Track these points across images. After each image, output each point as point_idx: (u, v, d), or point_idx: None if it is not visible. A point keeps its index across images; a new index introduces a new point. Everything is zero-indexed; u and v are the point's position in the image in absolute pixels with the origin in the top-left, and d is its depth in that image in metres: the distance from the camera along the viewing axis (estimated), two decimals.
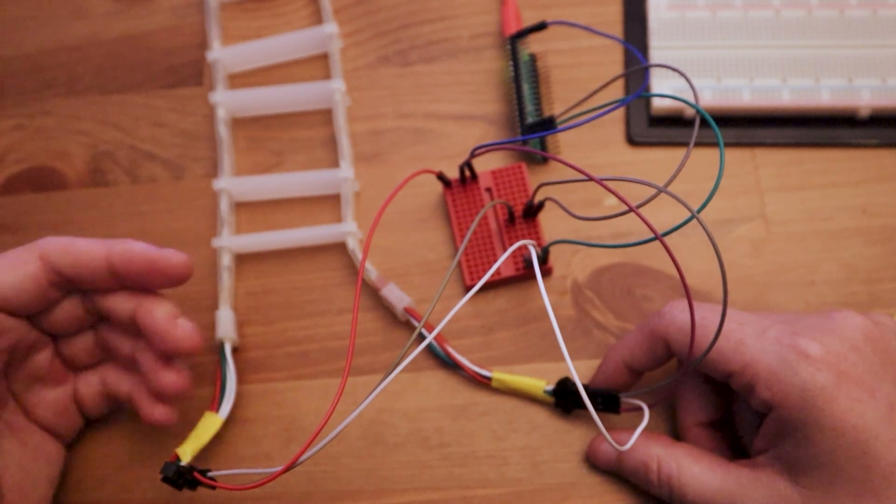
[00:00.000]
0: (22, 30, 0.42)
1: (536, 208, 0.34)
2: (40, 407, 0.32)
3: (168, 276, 0.30)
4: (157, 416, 0.32)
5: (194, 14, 0.41)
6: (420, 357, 0.34)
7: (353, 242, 0.35)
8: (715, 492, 0.28)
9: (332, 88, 0.38)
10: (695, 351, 0.27)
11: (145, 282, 0.30)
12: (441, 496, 0.32)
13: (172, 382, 0.31)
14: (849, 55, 0.36)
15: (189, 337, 0.30)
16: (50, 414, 0.32)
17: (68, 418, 0.33)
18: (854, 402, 0.25)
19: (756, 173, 0.36)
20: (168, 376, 0.31)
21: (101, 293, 0.31)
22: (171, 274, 0.30)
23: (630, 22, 0.38)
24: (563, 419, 0.33)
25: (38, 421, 0.32)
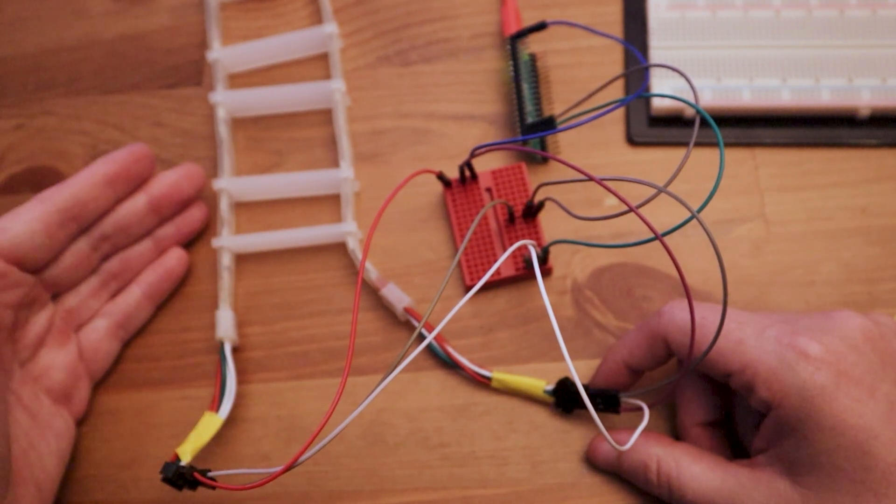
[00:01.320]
0: (22, 30, 0.42)
1: (536, 208, 0.34)
2: (50, 372, 0.32)
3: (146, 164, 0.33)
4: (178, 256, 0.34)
5: (194, 14, 0.41)
6: (420, 357, 0.34)
7: (353, 242, 0.35)
8: (714, 492, 0.28)
9: (332, 88, 0.38)
10: (695, 351, 0.27)
11: (145, 175, 0.33)
12: (441, 496, 0.32)
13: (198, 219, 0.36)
14: (849, 55, 0.36)
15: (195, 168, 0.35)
16: (60, 378, 0.32)
17: (77, 380, 0.33)
18: (853, 402, 0.25)
19: (756, 173, 0.36)
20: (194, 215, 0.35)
21: (107, 218, 0.33)
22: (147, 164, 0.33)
23: (630, 22, 0.38)
24: (563, 419, 0.33)
25: (48, 390, 0.32)
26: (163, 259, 0.35)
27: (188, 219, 0.36)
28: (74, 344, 0.33)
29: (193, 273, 0.37)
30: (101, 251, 0.33)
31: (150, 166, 0.34)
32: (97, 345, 0.33)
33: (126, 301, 0.34)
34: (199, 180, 0.35)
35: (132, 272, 0.35)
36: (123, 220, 0.33)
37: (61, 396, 0.32)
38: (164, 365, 0.35)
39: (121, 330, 0.34)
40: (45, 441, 0.31)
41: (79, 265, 0.32)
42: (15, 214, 0.30)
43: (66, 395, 0.32)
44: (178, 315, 0.36)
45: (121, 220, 0.33)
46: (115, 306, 0.34)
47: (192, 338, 0.36)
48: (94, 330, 0.33)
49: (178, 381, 0.35)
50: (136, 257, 0.35)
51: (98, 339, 0.33)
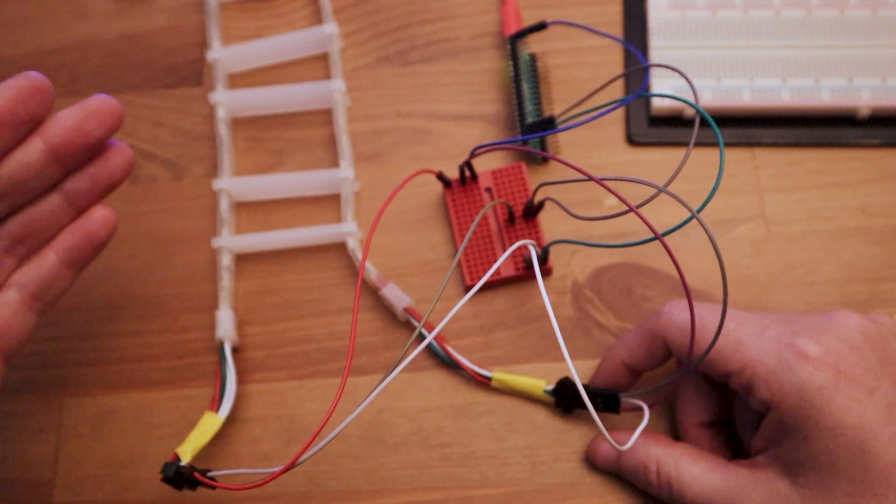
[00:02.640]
0: (22, 30, 0.42)
1: (536, 208, 0.34)
2: None
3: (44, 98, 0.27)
4: (100, 216, 0.29)
5: (194, 14, 0.41)
6: (420, 357, 0.34)
7: (353, 242, 0.35)
8: (714, 492, 0.28)
9: (332, 88, 0.38)
10: (694, 351, 0.27)
11: (39, 115, 0.27)
12: (441, 496, 0.32)
13: (118, 167, 0.29)
14: (849, 55, 0.36)
15: (111, 111, 0.28)
16: None
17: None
18: (853, 402, 0.25)
19: (756, 173, 0.36)
20: (112, 162, 0.28)
21: None
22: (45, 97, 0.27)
23: (630, 22, 0.38)
24: (563, 419, 0.33)
25: None
26: (83, 219, 0.29)
27: (105, 169, 0.29)
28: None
29: (193, 273, 0.37)
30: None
31: (46, 103, 0.27)
32: (8, 320, 0.28)
33: (40, 268, 0.29)
34: (110, 117, 0.28)
35: (41, 235, 0.29)
36: (16, 172, 0.27)
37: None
38: (164, 365, 0.35)
39: (36, 301, 0.29)
40: None
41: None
42: None
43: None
44: (178, 315, 0.36)
45: (13, 174, 0.27)
46: (27, 274, 0.29)
47: (192, 338, 0.36)
48: (4, 304, 0.29)
49: (178, 381, 0.35)
50: (43, 217, 0.29)
51: (9, 315, 0.28)
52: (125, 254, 0.37)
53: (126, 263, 0.37)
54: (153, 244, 0.37)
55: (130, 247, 0.37)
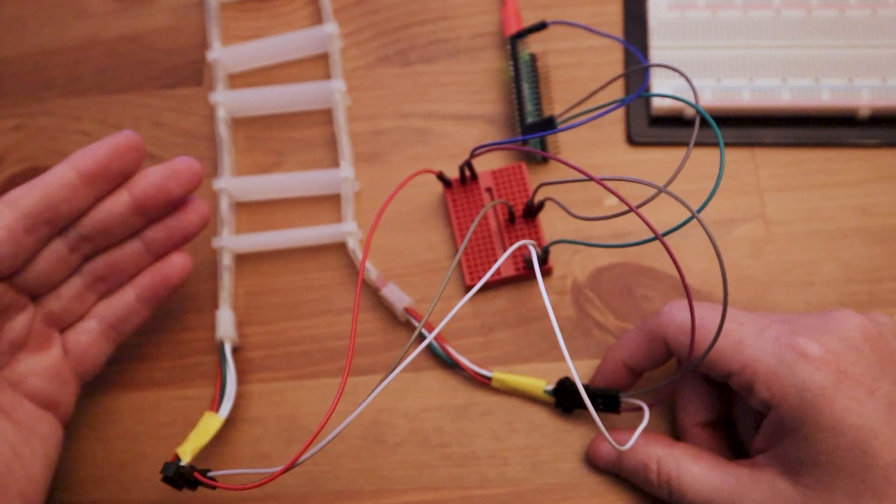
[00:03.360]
0: (22, 30, 0.42)
1: (536, 208, 0.34)
2: (31, 378, 0.30)
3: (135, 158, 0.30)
4: (179, 262, 0.32)
5: (194, 14, 0.41)
6: (420, 357, 0.34)
7: (353, 242, 0.35)
8: (714, 492, 0.28)
9: (332, 88, 0.38)
10: (694, 351, 0.27)
11: (130, 171, 0.30)
12: (441, 496, 0.32)
13: (193, 223, 0.32)
14: (849, 55, 0.36)
15: (192, 172, 0.31)
16: (42, 383, 0.30)
17: (62, 384, 0.31)
18: (853, 402, 0.25)
19: (756, 173, 0.36)
20: (188, 219, 0.32)
21: (85, 219, 0.30)
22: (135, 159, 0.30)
23: (630, 22, 0.38)
24: (563, 419, 0.33)
25: (30, 395, 0.30)
26: (162, 263, 0.33)
27: (182, 222, 0.32)
28: (58, 347, 0.31)
29: (193, 273, 0.36)
30: (80, 252, 0.31)
31: (137, 160, 0.30)
32: (86, 347, 0.32)
33: (119, 302, 0.32)
34: (190, 178, 0.31)
35: (121, 275, 0.32)
36: (103, 221, 0.30)
37: (45, 401, 0.30)
38: (164, 365, 0.35)
39: (113, 331, 0.32)
40: (31, 448, 0.29)
41: (55, 267, 0.30)
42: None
43: (49, 400, 0.31)
44: (178, 315, 0.36)
45: (100, 222, 0.30)
46: (107, 307, 0.32)
47: (192, 338, 0.36)
48: (85, 331, 0.32)
49: (178, 381, 0.35)
50: (124, 260, 0.32)
51: (88, 342, 0.31)
52: None
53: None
54: None
55: None
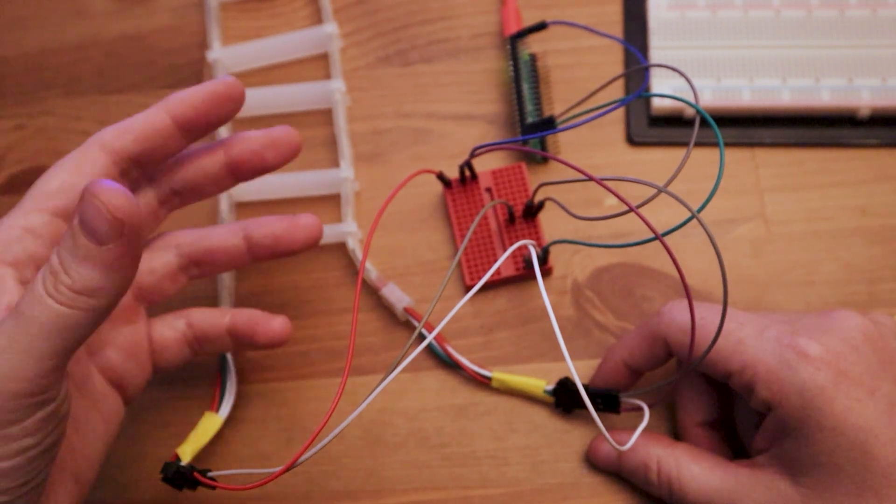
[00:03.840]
0: (22, 30, 0.42)
1: (536, 208, 0.34)
2: (108, 349, 0.29)
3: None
4: (278, 328, 0.31)
5: (194, 14, 0.41)
6: (420, 357, 0.34)
7: (353, 242, 0.35)
8: (715, 492, 0.28)
9: (332, 88, 0.38)
10: (695, 351, 0.27)
11: (227, 117, 0.29)
12: (441, 496, 0.32)
13: (303, 234, 0.30)
14: (849, 55, 0.36)
15: (287, 134, 0.29)
16: (118, 357, 0.29)
17: (137, 364, 0.30)
18: (853, 402, 0.25)
19: (756, 173, 0.36)
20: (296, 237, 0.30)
21: (178, 172, 0.29)
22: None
23: (630, 22, 0.38)
24: (563, 419, 0.33)
25: (104, 368, 0.29)
26: (265, 318, 0.31)
27: (291, 236, 0.31)
28: (143, 325, 0.30)
29: None
30: (169, 205, 0.30)
31: (234, 109, 0.29)
32: (169, 343, 0.31)
33: (213, 320, 0.31)
34: (288, 148, 0.30)
35: (216, 265, 0.31)
36: (196, 178, 0.30)
37: (115, 378, 0.29)
38: None
39: (196, 343, 0.31)
40: (92, 425, 0.28)
41: (146, 218, 0.29)
42: (76, 167, 0.26)
43: (121, 377, 0.29)
44: None
45: (193, 178, 0.30)
46: (201, 317, 0.31)
47: None
48: (172, 327, 0.31)
49: (179, 381, 0.35)
50: (223, 251, 0.31)
51: (172, 338, 0.30)
52: None
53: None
54: None
55: None
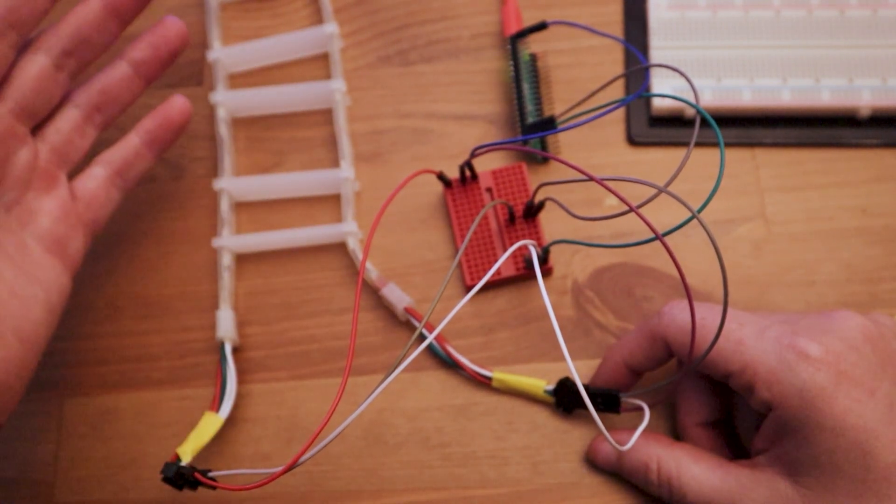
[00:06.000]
0: None
1: (537, 208, 0.34)
2: (39, 217, 0.30)
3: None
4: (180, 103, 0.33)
5: (194, 14, 0.41)
6: (420, 357, 0.34)
7: (354, 242, 0.35)
8: (714, 492, 0.28)
9: (333, 88, 0.38)
10: (695, 351, 0.27)
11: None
12: (441, 496, 0.32)
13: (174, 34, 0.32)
14: (849, 55, 0.36)
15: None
16: (50, 223, 0.30)
17: (70, 227, 0.30)
18: (854, 402, 0.25)
19: (756, 173, 0.36)
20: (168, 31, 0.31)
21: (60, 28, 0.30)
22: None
23: (630, 22, 0.38)
24: (564, 419, 0.33)
25: (38, 236, 0.30)
26: (163, 106, 0.33)
27: (163, 39, 0.32)
28: (65, 188, 0.31)
29: (193, 273, 0.37)
30: (67, 69, 0.30)
31: None
32: (94, 192, 0.31)
33: (124, 147, 0.33)
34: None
35: (116, 103, 0.32)
36: (78, 29, 0.30)
37: (53, 245, 0.30)
38: (164, 365, 0.35)
39: (119, 178, 0.33)
40: (32, 290, 0.29)
41: (44, 84, 0.29)
42: None
43: (57, 243, 0.30)
44: (178, 315, 0.36)
45: (76, 31, 0.30)
46: (112, 153, 0.32)
47: (192, 338, 0.36)
48: (92, 177, 0.32)
49: (178, 381, 0.35)
50: (115, 84, 0.32)
51: (96, 187, 0.31)
52: (125, 254, 0.37)
53: (126, 263, 0.37)
54: (153, 244, 0.37)
55: (131, 247, 0.37)
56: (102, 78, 0.32)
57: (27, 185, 0.30)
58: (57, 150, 0.31)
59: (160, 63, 0.33)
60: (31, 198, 0.30)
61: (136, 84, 0.33)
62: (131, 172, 0.33)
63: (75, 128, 0.31)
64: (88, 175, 0.32)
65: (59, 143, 0.31)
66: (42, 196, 0.30)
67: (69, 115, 0.31)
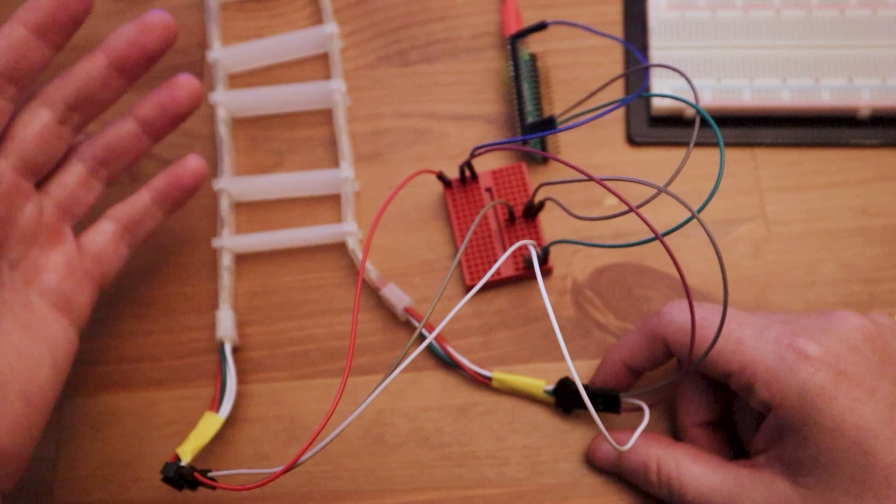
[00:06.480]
0: None
1: (536, 208, 0.34)
2: (44, 273, 0.29)
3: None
4: (193, 165, 0.32)
5: (194, 14, 0.41)
6: (420, 357, 0.34)
7: (354, 242, 0.35)
8: (714, 492, 0.28)
9: (332, 88, 0.38)
10: (694, 351, 0.27)
11: (80, 16, 0.28)
12: (441, 496, 0.32)
13: (184, 96, 0.31)
14: (849, 55, 0.36)
15: (166, 25, 0.29)
16: (56, 279, 0.29)
17: (76, 281, 0.30)
18: (853, 402, 0.25)
19: (756, 173, 0.36)
20: (181, 78, 0.30)
21: (65, 84, 0.29)
22: None
23: (630, 22, 0.38)
24: (563, 419, 0.33)
25: (43, 292, 0.29)
26: (176, 165, 0.32)
27: (172, 98, 0.31)
28: (71, 242, 0.30)
29: (193, 273, 0.37)
30: (71, 123, 0.30)
31: (86, 3, 0.28)
32: (102, 247, 0.31)
33: (133, 204, 0.32)
34: (164, 32, 0.30)
35: (121, 159, 0.31)
36: (84, 85, 0.29)
37: (59, 301, 0.29)
38: (164, 365, 0.35)
39: (128, 234, 0.32)
40: (38, 350, 0.28)
41: (47, 138, 0.28)
42: None
43: (64, 299, 0.29)
44: (178, 315, 0.36)
45: (82, 86, 0.29)
46: (122, 209, 0.32)
47: (192, 338, 0.36)
48: (100, 232, 0.31)
49: (178, 381, 0.35)
50: (120, 141, 0.31)
51: (104, 242, 0.31)
52: None
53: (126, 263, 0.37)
54: (153, 244, 0.37)
55: None
56: (109, 133, 0.31)
57: (33, 240, 0.29)
58: (62, 205, 0.30)
59: (167, 124, 0.32)
60: (37, 253, 0.29)
61: (143, 141, 0.32)
62: (140, 229, 0.32)
63: (80, 182, 0.30)
64: (97, 230, 0.31)
65: (64, 197, 0.30)
66: (48, 251, 0.29)
67: (74, 170, 0.30)
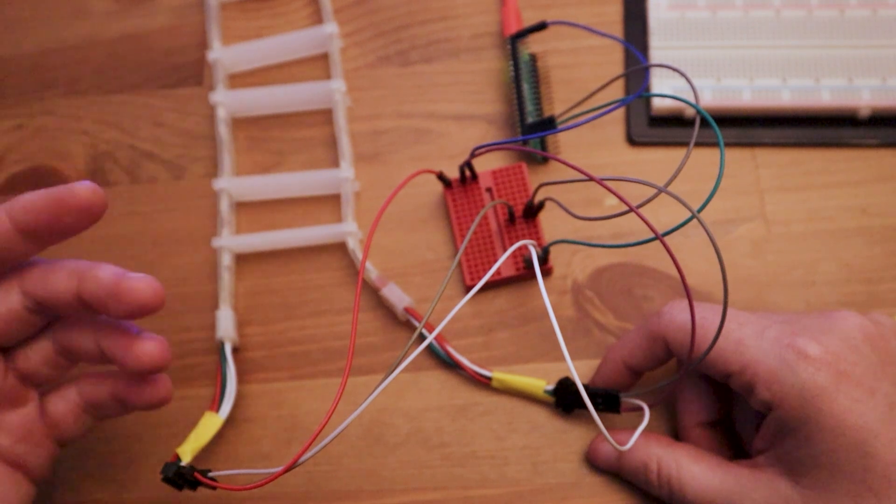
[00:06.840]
0: (22, 30, 0.42)
1: (536, 208, 0.34)
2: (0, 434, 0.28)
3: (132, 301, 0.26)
4: (158, 391, 0.28)
5: (194, 14, 0.41)
6: (420, 357, 0.34)
7: (354, 242, 0.35)
8: (715, 492, 0.28)
9: (333, 88, 0.38)
10: (695, 351, 0.27)
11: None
12: (441, 496, 0.32)
13: (151, 350, 0.27)
14: (849, 55, 0.36)
15: (144, 287, 0.27)
16: (11, 441, 0.28)
17: (35, 444, 0.29)
18: (854, 402, 0.25)
19: (756, 173, 0.36)
20: (145, 345, 0.27)
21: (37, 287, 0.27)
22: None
23: (630, 22, 0.38)
24: (563, 419, 0.33)
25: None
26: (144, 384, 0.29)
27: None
28: (34, 406, 0.29)
29: (193, 273, 0.37)
30: (41, 314, 0.28)
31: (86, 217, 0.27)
32: (64, 415, 0.29)
33: (99, 390, 0.29)
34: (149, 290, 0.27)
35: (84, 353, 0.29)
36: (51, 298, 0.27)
37: (14, 460, 0.28)
38: None
39: (93, 409, 0.30)
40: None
41: (10, 319, 0.27)
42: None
43: (19, 458, 0.28)
44: (178, 315, 0.36)
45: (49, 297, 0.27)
46: (89, 388, 0.29)
47: (192, 338, 0.36)
48: (64, 399, 0.29)
49: (178, 381, 0.35)
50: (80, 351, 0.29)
51: (66, 410, 0.29)
52: (125, 254, 0.37)
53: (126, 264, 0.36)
54: (153, 244, 0.37)
55: (130, 247, 0.37)
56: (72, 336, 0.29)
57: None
58: (26, 374, 0.29)
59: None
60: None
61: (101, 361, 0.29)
62: (104, 412, 0.30)
63: (46, 360, 0.29)
64: (62, 395, 0.29)
65: (28, 369, 0.29)
66: (5, 413, 0.28)
67: (41, 347, 0.29)
